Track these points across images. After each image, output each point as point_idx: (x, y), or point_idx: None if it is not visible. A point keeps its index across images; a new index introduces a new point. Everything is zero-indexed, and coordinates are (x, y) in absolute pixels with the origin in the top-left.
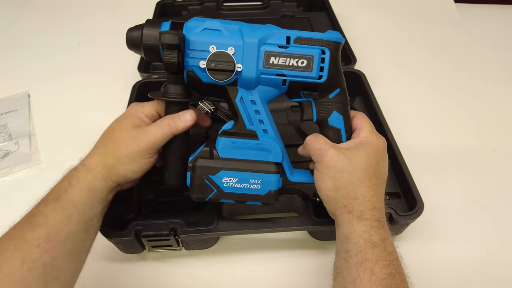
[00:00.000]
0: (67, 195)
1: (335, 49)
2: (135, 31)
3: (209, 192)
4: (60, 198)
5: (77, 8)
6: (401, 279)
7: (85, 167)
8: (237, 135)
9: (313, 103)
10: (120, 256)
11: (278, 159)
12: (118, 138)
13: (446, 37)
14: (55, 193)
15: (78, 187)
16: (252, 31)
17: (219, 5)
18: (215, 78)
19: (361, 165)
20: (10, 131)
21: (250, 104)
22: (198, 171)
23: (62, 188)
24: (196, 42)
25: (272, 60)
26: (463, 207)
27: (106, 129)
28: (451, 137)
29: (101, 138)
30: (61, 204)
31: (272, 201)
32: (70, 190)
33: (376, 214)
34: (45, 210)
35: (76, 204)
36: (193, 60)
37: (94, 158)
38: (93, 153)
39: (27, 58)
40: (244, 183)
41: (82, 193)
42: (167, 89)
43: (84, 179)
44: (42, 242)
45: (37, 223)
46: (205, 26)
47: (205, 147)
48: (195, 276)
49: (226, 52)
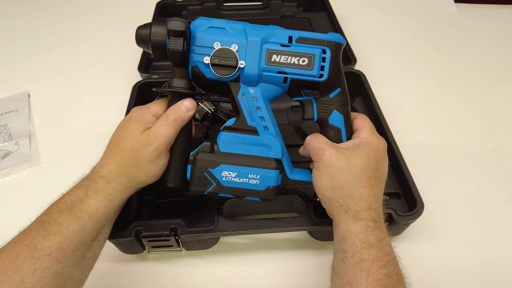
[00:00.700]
0: (83, 205)
1: (336, 50)
2: (144, 29)
3: (208, 186)
4: (75, 207)
5: (77, 8)
6: (398, 279)
7: (104, 179)
8: (238, 130)
9: (314, 102)
10: (120, 256)
11: (278, 155)
12: (133, 145)
13: (446, 37)
14: (69, 202)
15: (96, 199)
16: (256, 30)
17: (219, 5)
18: (218, 74)
19: (359, 165)
20: (10, 131)
21: (251, 101)
22: (198, 164)
23: (77, 198)
24: (202, 38)
25: (274, 57)
26: (463, 207)
27: (116, 136)
28: (451, 137)
29: (113, 145)
30: (76, 214)
31: (271, 197)
32: (86, 201)
33: (372, 215)
34: (59, 218)
35: (91, 215)
36: (198, 56)
37: (112, 168)
38: (108, 162)
39: (27, 58)
40: (243, 177)
41: (99, 204)
42: (171, 82)
43: (103, 190)
44: (54, 250)
45: (50, 232)
46: (210, 24)
47: (207, 142)
48: (195, 276)
49: (230, 48)
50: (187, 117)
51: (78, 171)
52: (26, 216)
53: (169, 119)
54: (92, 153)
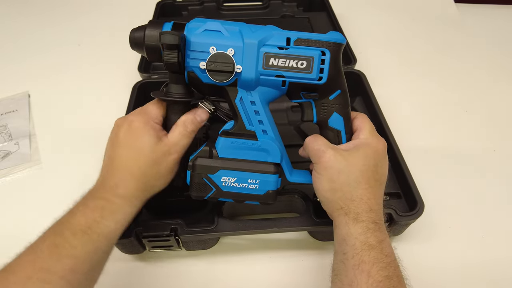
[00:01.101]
0: (99, 228)
1: (336, 51)
2: (138, 32)
3: (208, 191)
4: (91, 230)
5: (77, 8)
6: (398, 281)
7: (122, 198)
8: (236, 135)
9: (313, 104)
10: (121, 256)
11: (277, 159)
12: (153, 157)
13: (446, 37)
14: (84, 224)
15: (114, 220)
16: (252, 32)
17: (219, 5)
18: (215, 79)
19: (359, 166)
20: (10, 131)
21: (249, 105)
22: (197, 170)
23: (93, 221)
24: (197, 43)
25: (272, 61)
26: (463, 207)
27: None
28: (452, 137)
29: (127, 161)
30: (92, 236)
31: (270, 201)
32: (102, 223)
33: (372, 216)
34: (73, 241)
35: (108, 237)
36: (194, 61)
37: (130, 185)
38: (125, 178)
39: (27, 58)
40: (242, 182)
41: (117, 225)
42: (169, 88)
43: (121, 211)
44: (67, 273)
45: (64, 255)
46: (205, 27)
47: (205, 146)
48: (195, 276)
49: (226, 53)
50: (201, 126)
51: (78, 171)
52: (26, 216)
53: (188, 130)
54: (92, 154)
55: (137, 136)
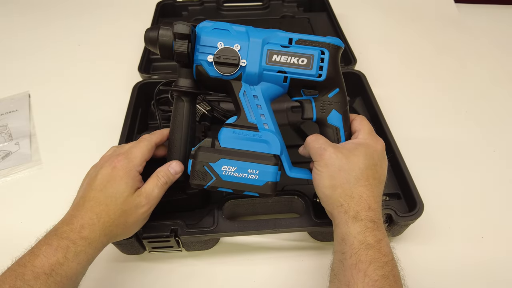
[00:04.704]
0: (63, 270)
1: (335, 52)
2: (152, 31)
3: (208, 180)
4: (54, 272)
5: (78, 8)
6: (394, 280)
7: (86, 240)
8: (238, 126)
9: (313, 101)
10: (121, 257)
11: (277, 151)
12: (124, 208)
13: (446, 38)
14: (47, 266)
15: (77, 261)
16: (258, 32)
17: (219, 5)
18: (221, 72)
19: (359, 164)
20: (11, 132)
21: (252, 99)
22: (199, 158)
23: (56, 262)
24: (206, 39)
25: (275, 57)
26: (463, 207)
27: (100, 194)
28: (451, 137)
29: (99, 206)
30: (55, 279)
31: (269, 192)
32: (66, 265)
33: (371, 215)
34: (36, 284)
35: (70, 278)
36: (202, 54)
37: (96, 229)
38: (92, 223)
39: (28, 59)
40: (242, 172)
41: (79, 266)
42: (178, 82)
43: (84, 253)
44: None
45: None
46: (215, 26)
47: (208, 137)
48: (195, 277)
49: (232, 48)
50: (175, 179)
51: (78, 171)
52: (26, 216)
53: (161, 181)
54: (92, 154)
55: (114, 183)
